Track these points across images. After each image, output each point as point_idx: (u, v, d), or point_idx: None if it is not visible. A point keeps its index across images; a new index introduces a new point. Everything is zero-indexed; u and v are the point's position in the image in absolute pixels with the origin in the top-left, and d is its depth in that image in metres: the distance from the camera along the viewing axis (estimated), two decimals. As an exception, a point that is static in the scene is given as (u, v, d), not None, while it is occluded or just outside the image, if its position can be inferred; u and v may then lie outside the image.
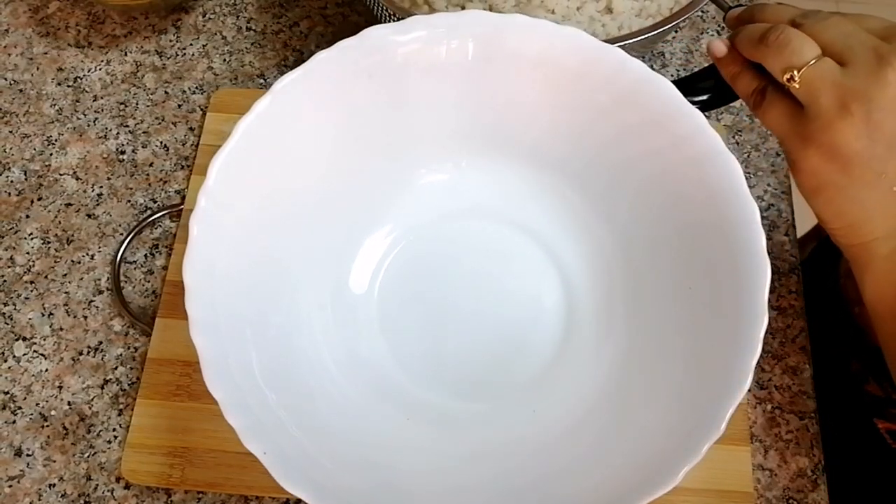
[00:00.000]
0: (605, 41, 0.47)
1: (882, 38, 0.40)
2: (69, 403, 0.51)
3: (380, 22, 0.50)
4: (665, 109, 0.45)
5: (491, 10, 0.54)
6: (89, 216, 0.57)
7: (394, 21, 0.48)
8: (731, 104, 0.60)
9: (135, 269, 0.55)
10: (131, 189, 0.58)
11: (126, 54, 0.64)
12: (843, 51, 0.40)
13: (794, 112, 0.41)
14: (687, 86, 0.46)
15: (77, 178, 0.59)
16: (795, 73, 0.40)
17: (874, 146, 0.39)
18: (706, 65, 0.49)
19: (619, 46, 0.48)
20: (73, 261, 0.56)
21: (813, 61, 0.40)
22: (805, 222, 0.56)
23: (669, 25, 0.50)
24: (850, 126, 0.39)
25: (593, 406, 0.46)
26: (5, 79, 0.62)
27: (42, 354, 0.53)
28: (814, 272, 0.58)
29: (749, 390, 0.39)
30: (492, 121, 0.50)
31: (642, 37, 0.50)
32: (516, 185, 0.53)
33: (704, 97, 0.48)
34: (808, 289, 0.55)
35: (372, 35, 0.46)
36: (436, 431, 0.47)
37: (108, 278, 0.55)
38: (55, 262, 0.56)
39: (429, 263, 0.50)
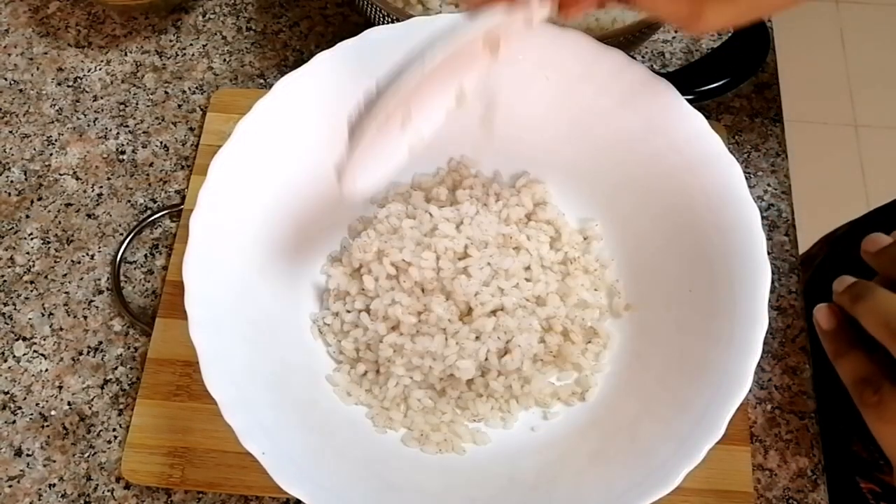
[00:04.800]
0: (600, 36, 0.47)
1: None
2: (69, 403, 0.51)
3: (373, 24, 0.50)
4: (666, 112, 0.45)
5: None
6: (89, 216, 0.57)
7: (387, 23, 0.48)
8: (731, 104, 0.60)
9: (135, 269, 0.56)
10: (131, 189, 0.58)
11: (126, 54, 0.63)
12: None
13: None
14: (684, 78, 0.45)
15: (77, 178, 0.59)
16: None
17: None
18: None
19: (614, 40, 0.48)
20: (73, 261, 0.56)
21: None
22: (805, 223, 0.56)
23: None
24: None
25: (594, 408, 0.46)
26: (5, 79, 0.62)
27: (42, 354, 0.53)
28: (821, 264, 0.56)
29: (749, 390, 0.39)
30: (492, 122, 0.50)
31: (637, 30, 0.49)
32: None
33: (702, 88, 0.48)
34: (810, 282, 0.54)
35: (373, 36, 0.46)
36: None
37: (108, 278, 0.55)
38: (55, 262, 0.56)
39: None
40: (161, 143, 0.60)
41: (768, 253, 0.42)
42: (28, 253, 0.56)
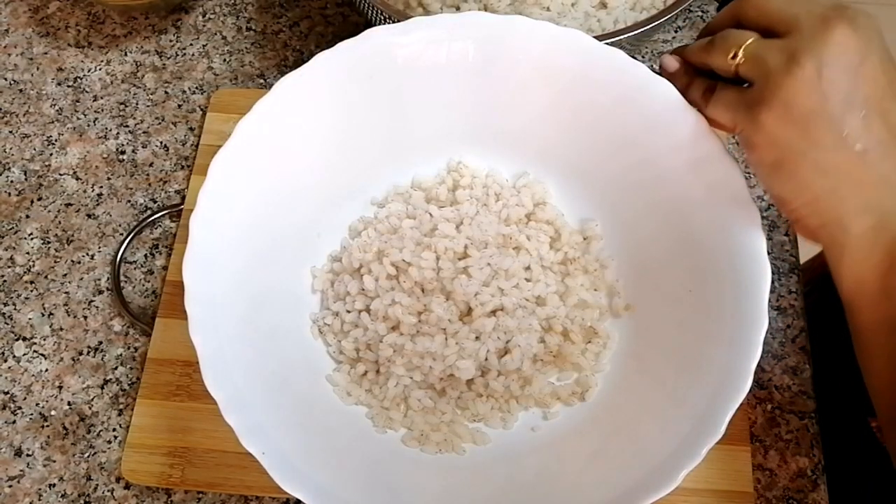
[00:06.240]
0: (601, 36, 0.47)
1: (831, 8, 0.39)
2: (69, 403, 0.51)
3: (373, 25, 0.50)
4: (666, 112, 0.45)
5: (486, 9, 0.54)
6: (89, 216, 0.57)
7: (388, 23, 0.48)
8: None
9: (135, 269, 0.56)
10: (131, 189, 0.58)
11: (126, 54, 0.63)
12: (788, 19, 0.39)
13: (743, 91, 0.40)
14: None
15: (77, 178, 0.59)
16: (739, 51, 0.40)
17: (829, 103, 0.37)
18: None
19: (615, 41, 0.48)
20: (73, 261, 0.56)
21: (752, 39, 0.40)
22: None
23: (665, 18, 0.50)
24: (801, 82, 0.37)
25: (594, 408, 0.46)
26: (5, 79, 0.62)
27: (42, 354, 0.53)
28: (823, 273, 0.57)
29: (749, 390, 0.39)
30: (492, 122, 0.50)
31: (638, 30, 0.50)
32: (516, 186, 0.53)
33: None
34: (811, 288, 0.54)
35: (373, 36, 0.46)
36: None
37: (108, 278, 0.55)
38: (55, 262, 0.56)
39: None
40: (161, 143, 0.60)
41: (768, 253, 0.42)
42: (28, 253, 0.56)
